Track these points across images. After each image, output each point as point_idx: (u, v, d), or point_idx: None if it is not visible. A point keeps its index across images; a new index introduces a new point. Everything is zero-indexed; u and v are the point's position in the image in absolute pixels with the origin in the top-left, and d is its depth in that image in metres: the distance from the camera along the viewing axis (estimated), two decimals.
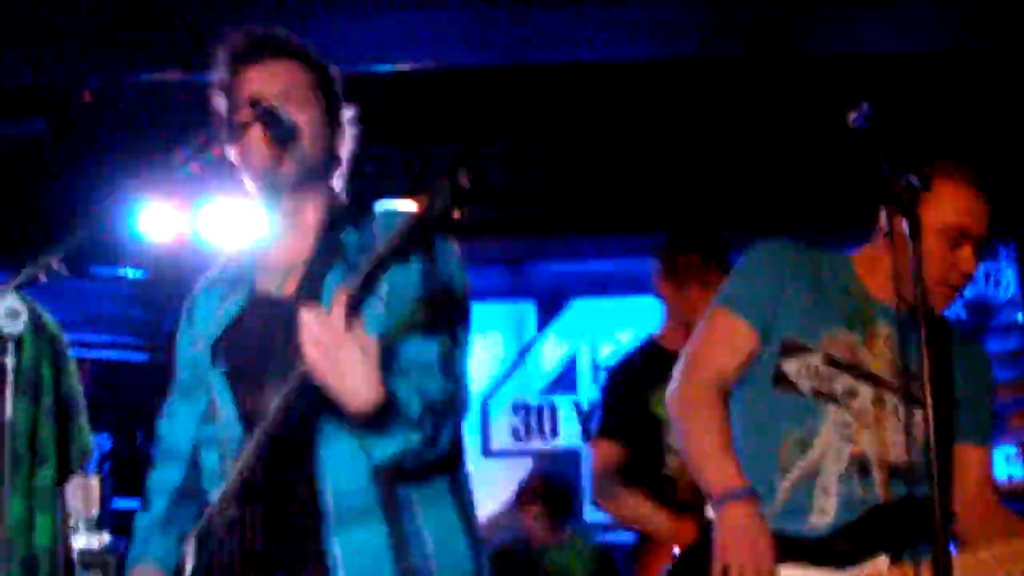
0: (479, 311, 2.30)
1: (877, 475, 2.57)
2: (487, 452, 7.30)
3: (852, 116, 2.27)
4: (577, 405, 7.41)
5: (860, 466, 2.57)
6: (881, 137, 2.25)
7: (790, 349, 2.61)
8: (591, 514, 7.05)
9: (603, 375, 6.10)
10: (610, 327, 7.45)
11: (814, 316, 2.62)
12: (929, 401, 2.46)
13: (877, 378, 2.61)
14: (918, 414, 2.53)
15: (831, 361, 2.60)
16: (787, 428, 2.59)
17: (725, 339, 2.66)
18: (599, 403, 3.90)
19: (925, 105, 5.32)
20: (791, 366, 2.60)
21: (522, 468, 6.41)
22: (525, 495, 5.92)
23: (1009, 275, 7.19)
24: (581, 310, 7.51)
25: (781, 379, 2.61)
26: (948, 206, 2.60)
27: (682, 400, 2.65)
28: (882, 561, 2.50)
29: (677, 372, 2.68)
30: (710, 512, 2.55)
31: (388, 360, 2.03)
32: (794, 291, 2.63)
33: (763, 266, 2.69)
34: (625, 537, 6.70)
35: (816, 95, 5.22)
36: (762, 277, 2.67)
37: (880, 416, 2.60)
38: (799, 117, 5.64)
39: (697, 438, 2.61)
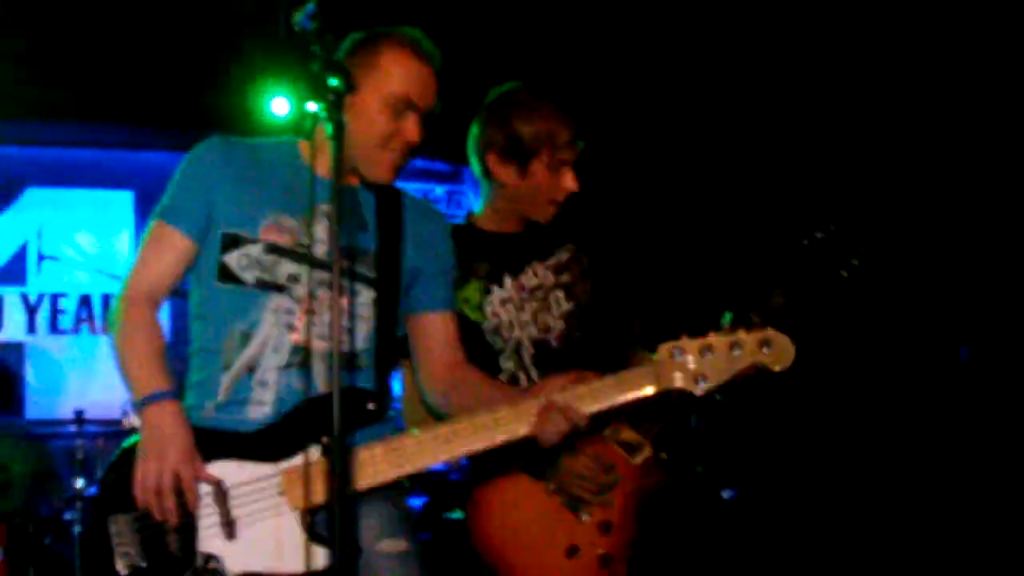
0: None
1: (318, 365, 2.60)
2: None
3: (297, 17, 2.37)
4: (24, 297, 7.15)
5: (301, 357, 2.61)
6: (324, 38, 2.37)
7: (230, 242, 2.65)
8: (33, 411, 6.87)
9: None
10: (65, 219, 7.21)
11: (251, 206, 2.66)
12: (375, 277, 2.57)
13: (320, 261, 2.65)
14: (364, 294, 2.69)
15: (272, 248, 2.64)
16: (232, 321, 2.62)
17: (156, 250, 2.68)
18: None
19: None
20: (232, 259, 2.64)
21: None
22: None
23: (471, 197, 7.75)
24: (35, 199, 7.19)
25: (225, 273, 2.65)
26: (393, 76, 2.67)
27: (114, 317, 2.65)
28: (313, 453, 2.51)
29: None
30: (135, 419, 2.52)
31: None
32: (227, 186, 2.66)
33: (191, 170, 2.70)
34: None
35: None
36: (190, 182, 2.69)
37: (325, 301, 2.63)
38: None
39: (121, 349, 2.60)
